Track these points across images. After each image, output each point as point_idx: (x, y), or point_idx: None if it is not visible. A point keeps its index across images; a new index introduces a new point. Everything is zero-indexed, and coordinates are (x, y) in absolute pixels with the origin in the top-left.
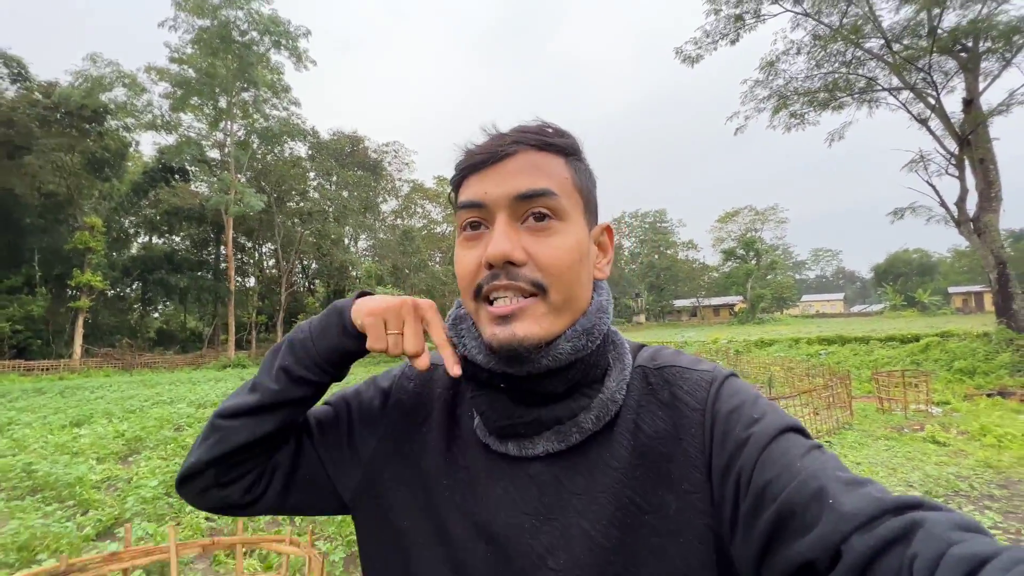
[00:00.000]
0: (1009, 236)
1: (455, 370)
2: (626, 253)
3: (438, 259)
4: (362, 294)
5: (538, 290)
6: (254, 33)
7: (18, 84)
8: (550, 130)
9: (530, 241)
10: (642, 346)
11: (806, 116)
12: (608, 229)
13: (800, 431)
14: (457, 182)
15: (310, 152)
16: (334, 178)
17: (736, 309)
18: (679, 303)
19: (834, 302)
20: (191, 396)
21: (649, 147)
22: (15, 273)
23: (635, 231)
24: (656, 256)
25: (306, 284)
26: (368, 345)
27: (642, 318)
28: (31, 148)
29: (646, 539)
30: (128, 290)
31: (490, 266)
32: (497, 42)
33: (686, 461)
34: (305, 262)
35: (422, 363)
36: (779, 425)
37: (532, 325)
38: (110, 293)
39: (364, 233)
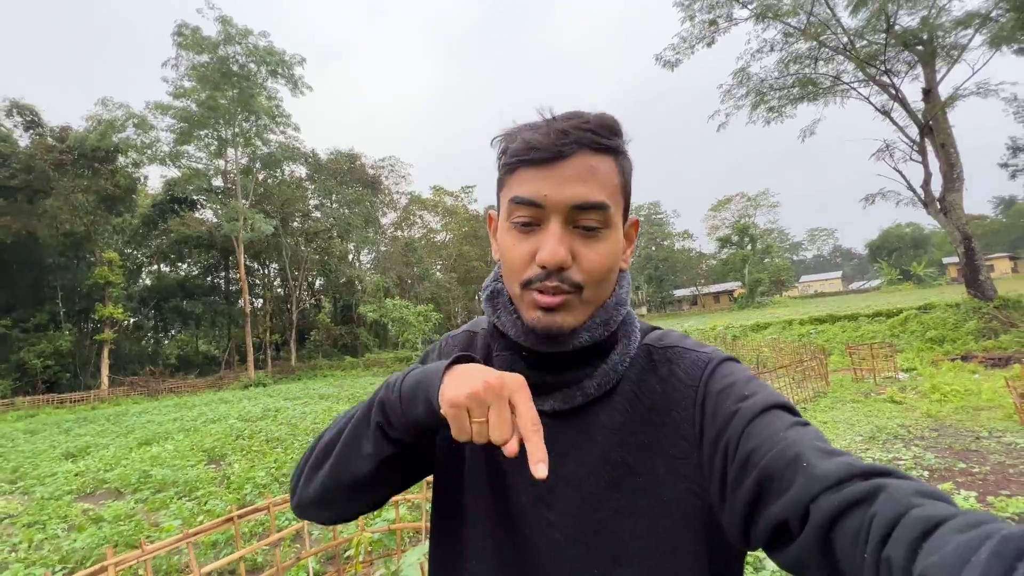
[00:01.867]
0: (1000, 203)
1: (539, 471)
2: None
3: (439, 267)
4: (458, 359)
5: (575, 289)
6: (252, 65)
7: (32, 131)
8: (605, 128)
9: (578, 245)
10: (654, 328)
11: (783, 110)
12: (636, 223)
13: (787, 408)
14: (510, 168)
15: (309, 173)
16: (334, 196)
17: (735, 295)
18: (679, 293)
19: (832, 281)
20: (234, 413)
21: (638, 140)
22: (40, 311)
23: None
24: (653, 248)
25: (313, 301)
26: (453, 435)
27: (643, 310)
28: (49, 192)
29: (634, 498)
30: (146, 320)
31: (543, 267)
32: (481, 41)
33: (675, 432)
34: (310, 279)
35: (510, 449)
36: (767, 402)
37: (568, 316)
38: (127, 324)
39: (366, 247)
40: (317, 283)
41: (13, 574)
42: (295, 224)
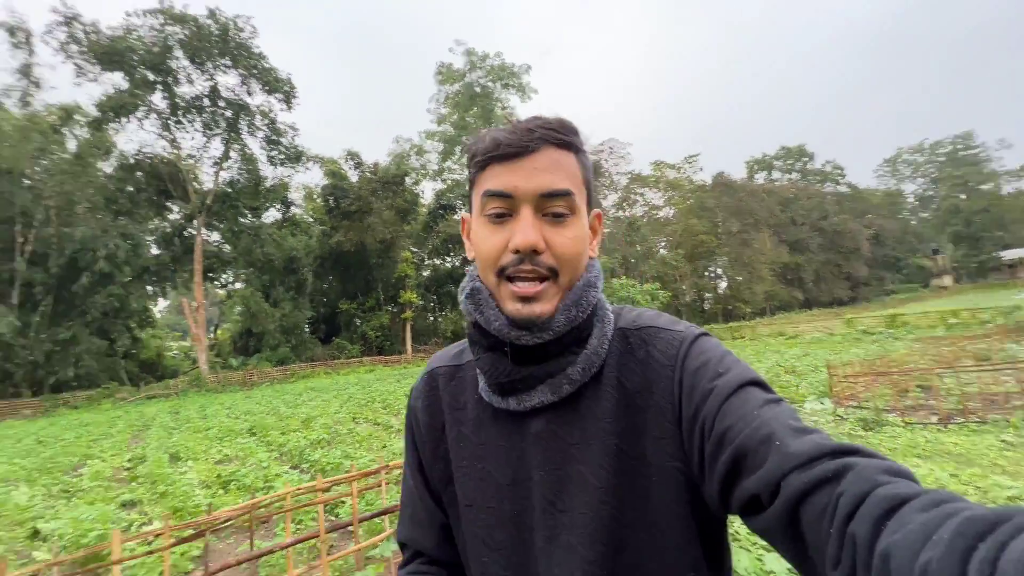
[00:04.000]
0: None
1: None
2: (911, 199)
3: (663, 244)
4: None
5: (552, 274)
6: (489, 83)
7: (358, 169)
8: (566, 128)
9: (549, 231)
10: (625, 308)
11: None
12: (598, 215)
13: (761, 385)
14: (481, 165)
15: None
16: None
17: None
18: (1010, 254)
19: None
20: None
21: (931, 52)
22: (369, 298)
23: (922, 169)
24: (962, 196)
25: None
26: None
27: (946, 280)
28: (370, 211)
29: (632, 482)
30: (428, 303)
31: (516, 251)
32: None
33: (658, 412)
34: None
35: None
36: (741, 379)
37: (547, 304)
38: (419, 306)
39: None
40: None
41: None
42: None
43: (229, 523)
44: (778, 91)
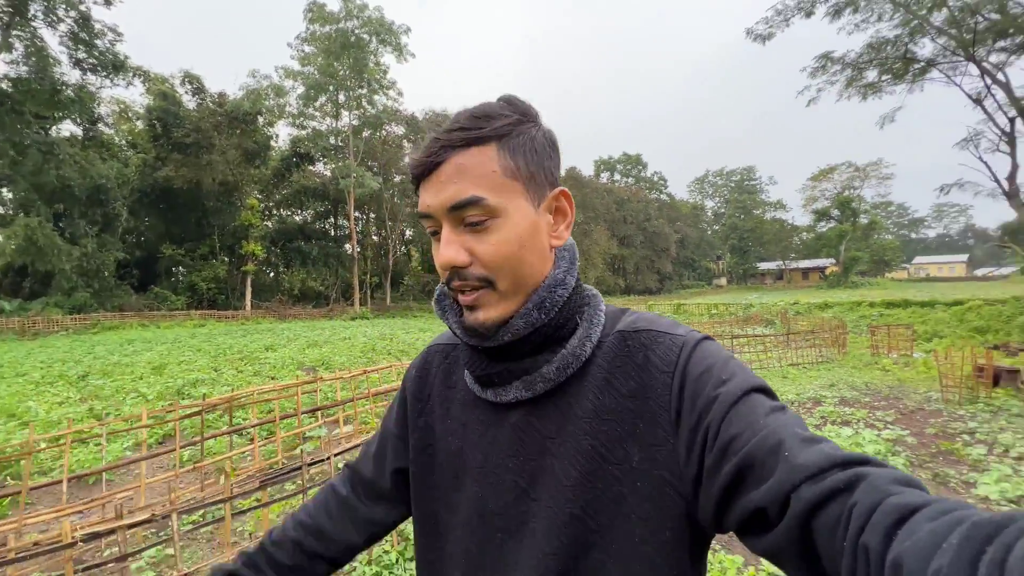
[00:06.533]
0: None
1: None
2: (709, 214)
3: None
4: None
5: (485, 283)
6: (364, 35)
7: (197, 96)
8: (477, 119)
9: (472, 241)
10: (625, 311)
11: (882, 86)
12: (563, 193)
13: (766, 392)
14: (414, 188)
15: (407, 133)
16: None
17: (827, 273)
18: (764, 266)
19: (954, 264)
20: (358, 335)
21: (740, 96)
22: (203, 244)
23: (720, 191)
24: (741, 216)
25: (404, 250)
26: None
27: (723, 281)
28: (211, 148)
29: (608, 486)
30: (272, 256)
31: (443, 269)
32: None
33: (651, 418)
34: (401, 229)
35: None
36: (746, 385)
37: (489, 311)
38: (262, 258)
39: None
40: (408, 233)
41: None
42: (393, 179)
43: (217, 407)
44: (629, 101)
